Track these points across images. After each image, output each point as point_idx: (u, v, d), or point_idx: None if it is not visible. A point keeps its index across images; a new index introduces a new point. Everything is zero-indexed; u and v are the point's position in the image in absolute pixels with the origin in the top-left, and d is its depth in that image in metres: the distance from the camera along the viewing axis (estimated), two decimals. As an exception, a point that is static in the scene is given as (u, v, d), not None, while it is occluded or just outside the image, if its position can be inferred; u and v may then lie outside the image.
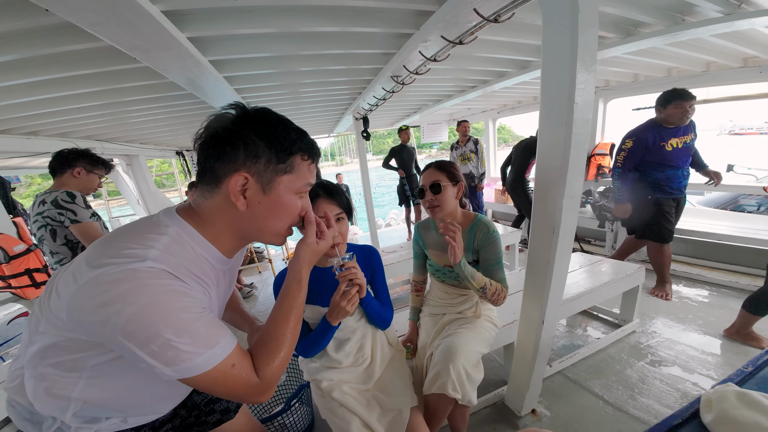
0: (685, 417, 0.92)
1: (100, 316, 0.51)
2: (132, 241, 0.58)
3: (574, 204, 1.07)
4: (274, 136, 0.64)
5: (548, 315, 1.30)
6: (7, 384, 0.70)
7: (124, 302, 0.51)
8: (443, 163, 1.38)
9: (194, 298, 0.59)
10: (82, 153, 1.79)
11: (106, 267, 0.53)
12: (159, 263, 0.56)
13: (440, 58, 1.65)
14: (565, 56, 0.88)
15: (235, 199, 0.63)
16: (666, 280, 2.64)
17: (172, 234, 0.62)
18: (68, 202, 1.66)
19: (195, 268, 0.64)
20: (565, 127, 0.94)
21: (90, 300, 0.52)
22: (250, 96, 2.50)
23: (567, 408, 1.73)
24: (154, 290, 0.53)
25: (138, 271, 0.53)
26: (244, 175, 0.63)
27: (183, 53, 1.38)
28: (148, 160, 4.24)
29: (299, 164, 0.68)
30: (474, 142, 4.56)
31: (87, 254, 0.58)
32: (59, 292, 0.58)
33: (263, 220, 0.68)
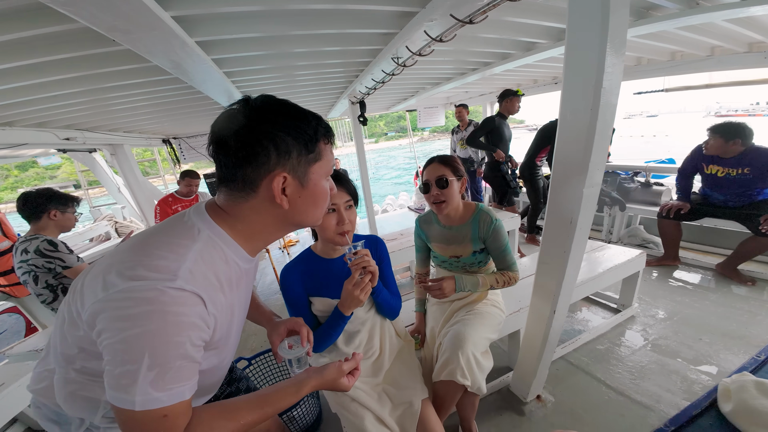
0: (704, 407, 0.92)
1: (109, 325, 0.52)
2: (166, 248, 0.58)
3: (594, 193, 1.02)
4: (298, 127, 0.62)
5: (560, 305, 1.29)
6: (33, 386, 0.71)
7: (136, 322, 0.51)
8: (447, 157, 1.35)
9: (200, 330, 0.58)
10: (50, 195, 1.84)
11: (140, 281, 0.52)
12: (189, 283, 0.55)
13: (446, 38, 1.55)
14: (593, 38, 0.81)
15: (280, 200, 0.63)
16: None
17: (205, 239, 0.62)
18: (52, 251, 1.76)
19: (223, 273, 0.64)
20: (591, 113, 0.88)
21: (115, 311, 0.52)
22: (240, 80, 2.36)
23: (570, 393, 1.75)
24: (166, 319, 0.52)
25: (165, 293, 0.52)
26: (283, 175, 0.62)
27: (167, 34, 1.26)
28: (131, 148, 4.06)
29: (323, 149, 0.67)
30: (474, 126, 4.44)
31: (120, 259, 0.57)
32: (84, 295, 0.57)
33: (304, 213, 0.68)
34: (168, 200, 3.30)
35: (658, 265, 2.95)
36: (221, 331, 0.65)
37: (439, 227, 1.44)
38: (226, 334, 0.69)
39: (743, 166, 2.38)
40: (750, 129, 2.35)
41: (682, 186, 2.78)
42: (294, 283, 1.15)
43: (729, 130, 2.37)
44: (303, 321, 0.96)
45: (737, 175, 2.43)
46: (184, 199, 3.34)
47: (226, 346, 0.73)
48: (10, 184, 26.67)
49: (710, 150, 2.47)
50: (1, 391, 1.48)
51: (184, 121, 3.56)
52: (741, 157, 2.39)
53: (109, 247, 3.51)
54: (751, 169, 2.37)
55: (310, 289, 1.17)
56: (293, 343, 0.89)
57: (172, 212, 3.26)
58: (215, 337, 0.63)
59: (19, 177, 27.00)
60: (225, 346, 0.73)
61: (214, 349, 0.66)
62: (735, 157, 2.41)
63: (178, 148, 4.34)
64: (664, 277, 2.81)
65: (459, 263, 1.43)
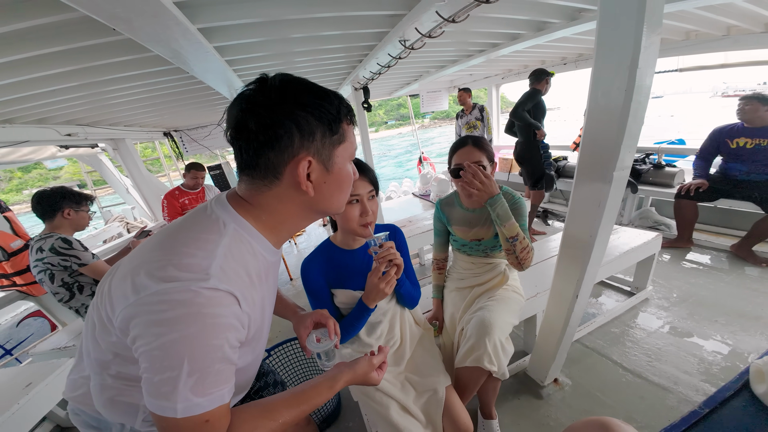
0: (737, 389, 0.92)
1: (144, 331, 0.50)
2: (193, 244, 0.55)
3: (624, 176, 0.99)
4: (321, 106, 0.58)
5: (583, 289, 1.27)
6: (70, 393, 0.70)
7: (173, 327, 0.49)
8: (480, 140, 1.28)
9: (237, 331, 0.56)
10: (64, 193, 1.84)
11: (172, 283, 0.50)
12: (222, 282, 0.53)
13: (459, 18, 1.49)
14: (630, 14, 0.76)
15: (305, 186, 0.59)
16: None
17: (231, 233, 0.59)
18: (67, 248, 1.76)
19: (252, 267, 0.62)
20: (625, 94, 0.83)
21: (149, 315, 0.50)
22: (241, 68, 2.29)
23: (587, 376, 1.76)
24: (204, 321, 0.50)
25: (200, 294, 0.50)
26: (308, 159, 0.58)
27: (170, 20, 1.21)
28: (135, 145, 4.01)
29: (347, 130, 0.63)
30: (480, 109, 4.40)
31: (147, 259, 0.54)
32: (113, 299, 0.55)
33: (330, 199, 0.65)
34: (174, 193, 3.29)
35: (670, 246, 2.92)
36: (255, 327, 0.64)
37: (462, 210, 1.41)
38: (259, 329, 0.67)
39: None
40: None
41: (700, 166, 2.76)
42: (315, 275, 1.13)
43: (764, 97, 2.40)
44: (328, 313, 0.94)
45: (760, 146, 2.43)
46: (191, 192, 3.34)
47: (259, 341, 0.72)
48: (14, 186, 26.72)
49: (747, 114, 2.47)
50: (30, 391, 1.49)
51: (184, 113, 3.50)
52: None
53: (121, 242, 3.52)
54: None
55: (331, 281, 1.15)
56: (321, 336, 0.88)
57: (179, 205, 3.25)
58: (250, 334, 0.61)
59: (23, 179, 27.02)
60: (258, 342, 0.71)
61: (248, 345, 0.65)
62: (766, 126, 2.41)
63: (179, 141, 4.29)
64: (678, 259, 2.79)
65: (480, 246, 1.41)
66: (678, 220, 2.89)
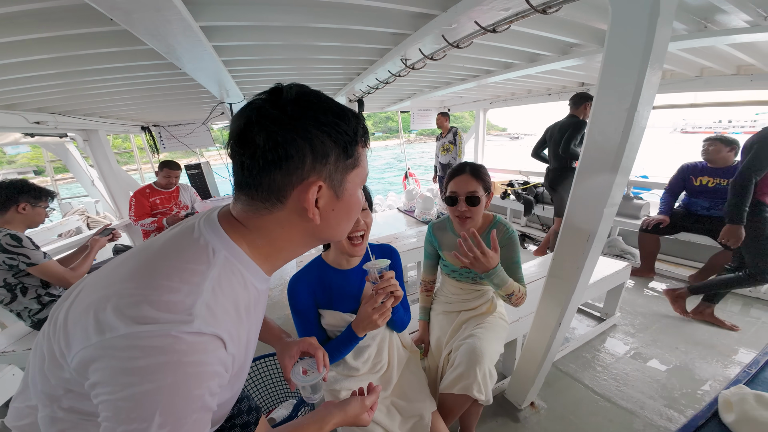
0: (707, 417, 0.98)
1: (109, 379, 0.42)
2: (177, 276, 0.47)
3: (612, 212, 1.04)
4: (337, 125, 0.51)
5: (566, 317, 1.31)
6: (14, 422, 0.60)
7: (146, 377, 0.41)
8: (478, 168, 1.27)
9: (221, 377, 0.49)
10: (23, 187, 1.70)
11: (147, 326, 0.42)
12: (208, 324, 0.46)
13: (463, 45, 1.54)
14: (636, 54, 0.82)
15: (313, 214, 0.53)
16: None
17: (222, 262, 0.52)
18: (16, 246, 1.61)
19: (242, 301, 0.55)
20: (621, 135, 0.89)
21: (116, 361, 0.42)
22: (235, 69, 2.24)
23: (561, 399, 1.80)
24: (185, 371, 0.43)
25: (181, 340, 0.43)
26: (319, 184, 0.52)
27: (172, 17, 1.16)
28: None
29: (361, 153, 0.57)
30: (453, 133, 4.51)
31: (117, 291, 0.46)
32: (69, 335, 0.46)
33: (335, 227, 0.59)
34: (145, 191, 3.06)
35: (634, 275, 3.10)
36: (237, 365, 0.57)
37: (454, 236, 1.41)
38: (242, 365, 0.61)
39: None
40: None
41: (666, 201, 2.97)
42: (303, 294, 1.09)
43: (727, 139, 2.63)
44: (317, 342, 0.88)
45: (728, 185, 2.56)
46: (163, 191, 3.12)
47: (239, 378, 0.65)
48: (-23, 177, 24.15)
49: (710, 155, 2.68)
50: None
51: (167, 108, 3.34)
52: (733, 168, 2.60)
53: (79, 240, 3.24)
54: None
55: (320, 301, 1.11)
56: (308, 368, 0.81)
57: (148, 204, 3.03)
58: (232, 373, 0.55)
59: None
60: (238, 379, 0.64)
61: (227, 383, 0.57)
62: (727, 167, 2.63)
63: (158, 137, 4.07)
64: (641, 286, 2.97)
65: (471, 274, 1.42)
66: (642, 252, 3.08)
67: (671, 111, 5.77)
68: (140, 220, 2.98)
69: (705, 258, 2.81)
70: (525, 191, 4.28)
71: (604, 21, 1.63)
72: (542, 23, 1.73)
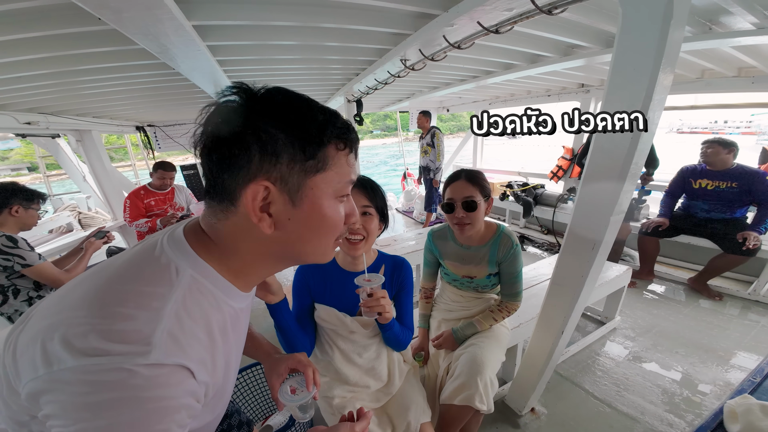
0: (713, 427, 0.96)
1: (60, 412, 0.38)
2: (132, 301, 0.42)
3: (619, 220, 1.02)
4: (295, 122, 0.46)
5: (569, 325, 1.29)
6: None
7: (99, 414, 0.37)
8: (474, 174, 1.26)
9: (189, 409, 0.45)
10: (14, 189, 1.71)
11: (95, 358, 0.38)
12: (170, 354, 0.41)
13: (465, 45, 1.51)
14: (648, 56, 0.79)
15: (257, 219, 0.47)
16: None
17: (187, 283, 0.47)
18: (12, 247, 1.62)
19: (216, 323, 0.50)
20: (630, 142, 0.86)
21: (66, 395, 0.38)
22: (230, 69, 2.20)
23: (562, 405, 1.79)
24: (143, 407, 0.39)
25: (136, 375, 0.38)
26: (264, 185, 0.46)
27: (163, 16, 1.12)
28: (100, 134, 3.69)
29: (334, 156, 0.50)
30: (432, 135, 4.24)
31: (65, 318, 0.41)
32: (17, 363, 0.42)
33: (300, 242, 0.52)
34: (140, 193, 3.01)
35: (633, 278, 3.09)
36: (215, 390, 0.52)
37: (455, 245, 1.38)
38: (220, 390, 0.56)
39: (732, 180, 2.59)
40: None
41: (666, 203, 2.96)
42: (302, 283, 1.11)
43: (725, 141, 2.63)
44: (307, 358, 0.84)
45: (726, 188, 2.63)
46: (158, 192, 3.07)
47: (220, 400, 0.60)
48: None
49: (709, 157, 2.67)
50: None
51: (163, 108, 3.29)
52: (731, 171, 2.60)
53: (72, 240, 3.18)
54: (738, 184, 2.57)
55: (316, 294, 1.11)
56: (296, 386, 0.77)
57: (143, 206, 2.99)
58: (207, 398, 0.50)
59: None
60: (220, 401, 0.60)
61: (206, 407, 0.53)
62: (726, 170, 2.62)
63: (153, 137, 4.00)
64: (640, 289, 2.95)
65: (472, 284, 1.39)
66: (641, 254, 3.07)
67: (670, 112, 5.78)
68: (135, 221, 2.93)
69: (704, 261, 2.80)
70: (524, 193, 4.26)
71: (607, 22, 1.61)
72: (544, 24, 1.70)
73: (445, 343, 1.37)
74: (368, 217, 1.00)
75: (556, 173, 4.20)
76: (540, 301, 1.91)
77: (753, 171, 2.56)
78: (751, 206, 2.69)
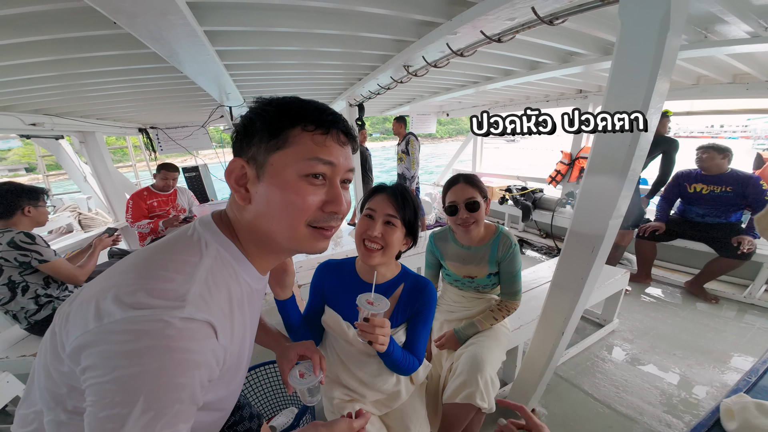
0: (709, 426, 0.99)
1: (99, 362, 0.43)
2: (172, 267, 0.50)
3: (617, 224, 1.05)
4: (266, 109, 0.56)
5: (569, 326, 1.31)
6: (20, 429, 0.61)
7: (134, 360, 0.43)
8: (472, 177, 1.32)
9: (209, 369, 0.50)
10: (19, 190, 1.73)
11: (142, 311, 0.44)
12: (200, 310, 0.48)
13: (467, 53, 1.55)
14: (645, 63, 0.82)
15: (233, 188, 0.57)
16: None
17: (214, 254, 0.55)
18: (30, 243, 1.66)
19: (235, 294, 0.57)
20: (628, 148, 0.89)
21: (109, 345, 0.43)
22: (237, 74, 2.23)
23: (562, 406, 1.80)
24: (171, 357, 0.44)
25: (171, 326, 0.45)
26: (240, 163, 0.56)
27: (177, 21, 1.15)
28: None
29: (298, 135, 0.55)
30: (406, 142, 4.03)
31: (117, 282, 0.48)
32: (70, 322, 0.48)
33: (266, 219, 0.57)
34: (143, 194, 3.04)
35: (631, 281, 3.12)
36: (231, 361, 0.57)
37: (456, 246, 1.42)
38: (236, 362, 0.61)
39: (727, 185, 2.63)
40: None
41: (663, 207, 3.01)
42: (318, 282, 1.12)
43: (719, 147, 2.67)
44: (314, 345, 0.88)
45: (721, 192, 2.67)
46: (161, 194, 3.10)
47: (236, 375, 0.65)
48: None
49: (704, 162, 2.71)
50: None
51: (166, 111, 3.31)
52: (726, 176, 2.64)
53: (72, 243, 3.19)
54: (733, 189, 2.61)
55: (328, 296, 1.10)
56: (305, 371, 0.82)
57: (146, 207, 3.01)
58: (224, 368, 0.55)
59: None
60: (235, 376, 0.64)
61: (221, 379, 0.58)
62: (721, 175, 2.66)
63: (155, 138, 4.02)
64: (638, 292, 2.99)
65: (473, 284, 1.43)
66: (638, 258, 3.11)
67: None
68: (137, 221, 2.95)
69: (701, 264, 2.84)
70: (523, 197, 4.30)
71: (605, 31, 1.65)
72: (544, 32, 1.75)
73: (447, 343, 1.39)
74: (390, 227, 0.95)
75: (555, 177, 4.25)
76: (539, 304, 1.95)
77: (747, 176, 2.61)
78: (745, 210, 2.74)
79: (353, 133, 0.63)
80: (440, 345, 1.40)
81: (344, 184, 0.62)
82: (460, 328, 1.39)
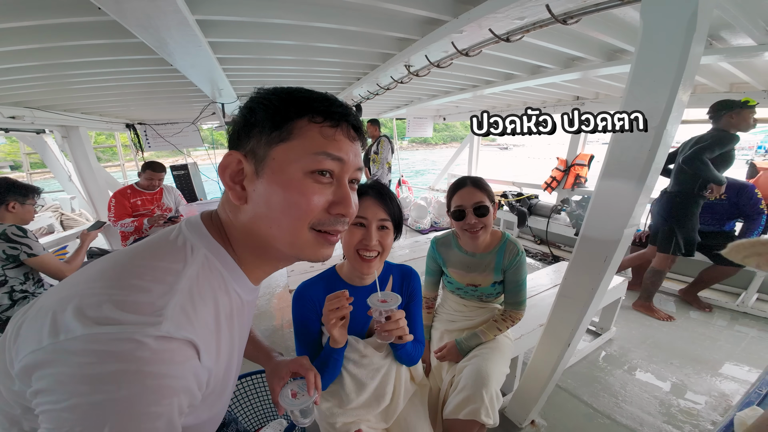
0: (724, 439, 0.96)
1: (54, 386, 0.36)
2: (148, 275, 0.43)
3: (631, 233, 1.01)
4: (270, 98, 0.49)
5: (575, 338, 1.27)
6: None
7: (97, 387, 0.35)
8: (480, 180, 1.26)
9: (190, 395, 0.43)
10: (9, 185, 1.72)
11: (106, 327, 0.37)
12: (180, 327, 0.40)
13: (473, 53, 1.50)
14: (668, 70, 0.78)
15: (227, 186, 0.50)
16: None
17: (200, 261, 0.48)
18: (21, 236, 1.66)
19: (223, 307, 0.50)
20: (648, 154, 0.85)
21: (66, 367, 0.36)
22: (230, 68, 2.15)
23: (561, 417, 1.76)
24: (144, 384, 0.37)
25: (143, 346, 0.37)
26: (237, 157, 0.49)
27: (167, 8, 1.07)
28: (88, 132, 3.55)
29: (305, 127, 0.48)
30: (377, 143, 4.02)
31: (80, 290, 0.41)
32: (20, 335, 0.41)
33: (265, 222, 0.49)
34: (126, 192, 2.88)
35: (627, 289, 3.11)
36: (215, 382, 0.50)
37: (460, 253, 1.36)
38: (221, 384, 0.54)
39: (721, 193, 2.62)
40: None
41: None
42: (307, 307, 0.99)
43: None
44: (309, 362, 0.81)
45: (715, 201, 2.69)
46: (145, 192, 2.94)
47: (220, 397, 0.56)
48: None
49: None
50: None
51: (155, 106, 3.19)
52: None
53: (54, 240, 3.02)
54: (727, 197, 2.62)
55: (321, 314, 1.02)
56: (297, 390, 0.75)
57: (129, 206, 2.86)
58: (207, 390, 0.48)
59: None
60: (219, 398, 0.56)
61: (204, 402, 0.50)
62: None
63: (143, 135, 3.87)
64: (632, 300, 2.99)
65: (476, 292, 1.37)
66: (633, 266, 3.11)
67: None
68: (120, 220, 2.81)
69: (695, 272, 2.86)
70: (518, 203, 4.29)
71: (611, 34, 1.62)
72: (549, 34, 1.71)
73: (448, 354, 1.33)
74: (385, 231, 0.91)
75: (550, 184, 4.25)
76: (539, 312, 1.91)
77: (741, 184, 2.63)
78: (738, 219, 2.77)
79: (363, 128, 0.56)
80: (441, 357, 1.34)
81: (352, 184, 0.55)
82: (462, 339, 1.33)
